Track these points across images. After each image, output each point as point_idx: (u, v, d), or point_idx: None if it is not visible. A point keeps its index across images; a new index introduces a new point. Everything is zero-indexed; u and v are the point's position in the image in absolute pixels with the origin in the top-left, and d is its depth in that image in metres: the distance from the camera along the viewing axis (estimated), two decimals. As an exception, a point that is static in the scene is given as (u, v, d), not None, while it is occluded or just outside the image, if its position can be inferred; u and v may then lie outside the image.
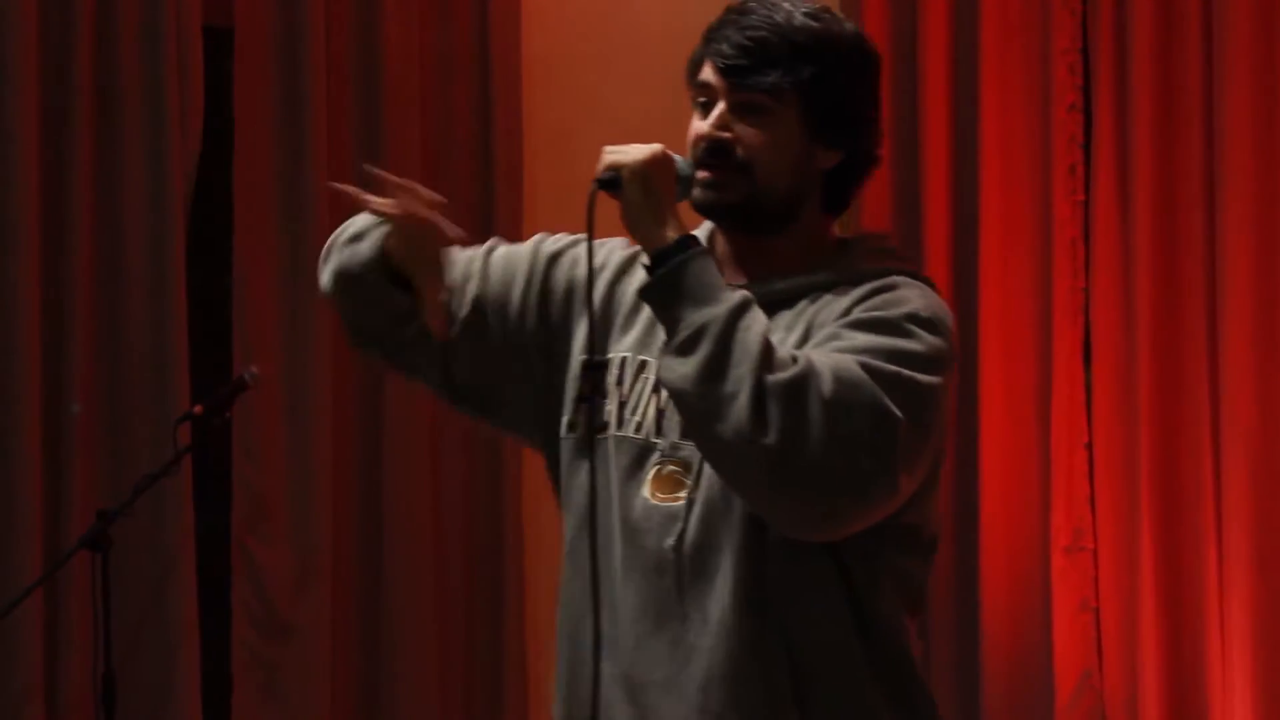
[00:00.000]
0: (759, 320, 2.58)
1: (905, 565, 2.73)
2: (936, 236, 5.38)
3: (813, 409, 2.51)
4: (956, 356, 2.71)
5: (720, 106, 2.72)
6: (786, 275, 2.74)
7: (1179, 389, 5.17)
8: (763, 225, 2.74)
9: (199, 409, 4.64)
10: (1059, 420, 5.25)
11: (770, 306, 2.67)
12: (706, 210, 2.74)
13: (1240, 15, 5.11)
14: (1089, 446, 5.27)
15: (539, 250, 2.91)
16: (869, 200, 5.26)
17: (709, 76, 2.74)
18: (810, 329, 2.68)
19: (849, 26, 2.78)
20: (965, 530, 5.30)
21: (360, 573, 5.42)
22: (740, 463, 2.55)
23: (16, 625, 4.82)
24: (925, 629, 5.04)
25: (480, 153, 5.62)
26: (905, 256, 2.84)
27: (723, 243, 2.78)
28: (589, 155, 5.92)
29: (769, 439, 2.51)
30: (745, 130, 2.71)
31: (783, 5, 2.73)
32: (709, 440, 2.57)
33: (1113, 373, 5.24)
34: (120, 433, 5.12)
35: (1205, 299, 5.14)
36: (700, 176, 2.71)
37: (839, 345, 2.61)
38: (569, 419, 2.81)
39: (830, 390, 2.52)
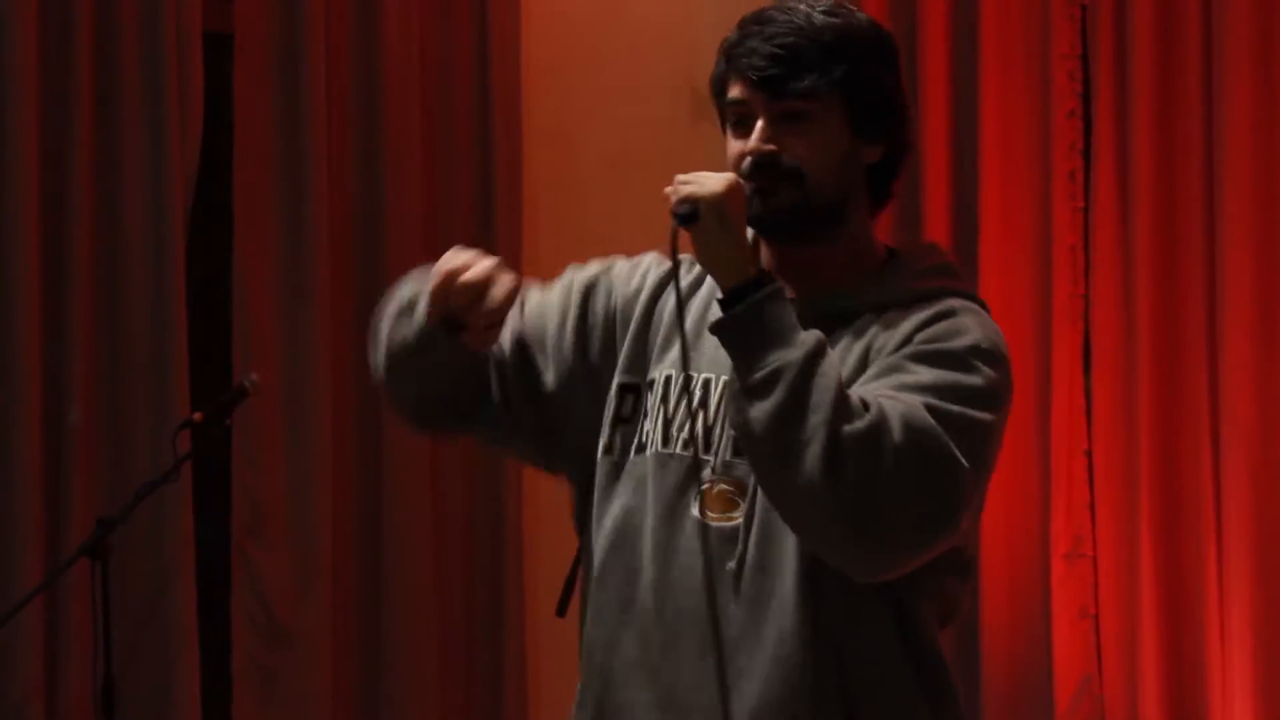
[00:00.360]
0: (833, 365, 2.54)
1: (947, 584, 2.73)
2: (936, 241, 5.39)
3: (885, 461, 2.49)
4: (1013, 386, 2.70)
5: (760, 120, 2.69)
6: (837, 288, 2.71)
7: (1179, 395, 5.17)
8: (815, 231, 2.71)
9: (199, 416, 4.62)
10: (1059, 427, 5.25)
11: (823, 323, 2.63)
12: (761, 223, 2.70)
13: (1240, 21, 5.11)
14: (1089, 453, 5.27)
15: (571, 287, 2.87)
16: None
17: (742, 93, 2.71)
18: (869, 353, 2.66)
19: (863, 16, 2.77)
20: (966, 536, 5.30)
21: (360, 579, 5.42)
22: (809, 510, 2.52)
23: (16, 633, 4.81)
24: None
25: (480, 155, 5.62)
26: (959, 273, 2.81)
27: (768, 256, 2.74)
28: (588, 156, 5.99)
29: (840, 490, 2.48)
30: (790, 140, 2.68)
31: (799, 7, 2.71)
32: (778, 484, 2.54)
33: (1112, 379, 5.24)
34: (120, 440, 5.11)
35: (1205, 305, 5.15)
36: (751, 189, 2.66)
37: (904, 381, 2.58)
38: (605, 441, 2.78)
39: (901, 440, 2.50)
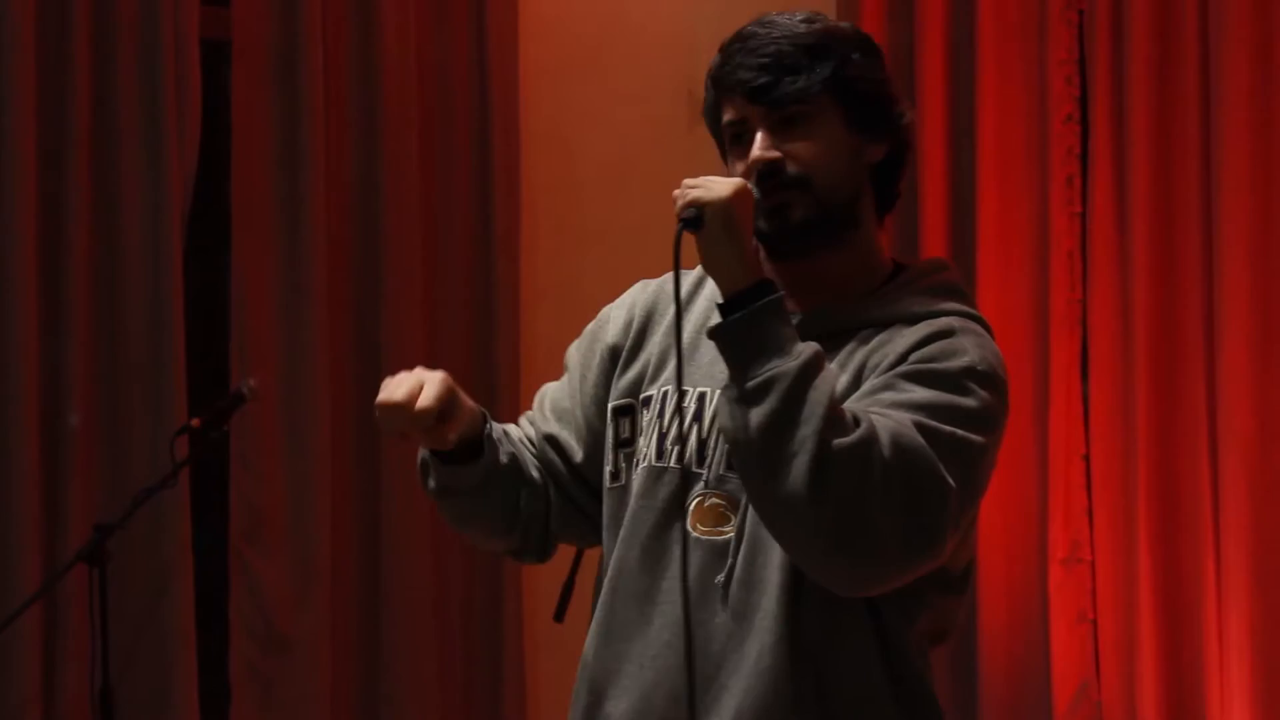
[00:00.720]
0: (828, 378, 2.53)
1: (936, 601, 2.71)
2: (933, 248, 5.38)
3: (872, 477, 2.48)
4: (1008, 410, 2.68)
5: (759, 131, 2.69)
6: (840, 302, 2.71)
7: (1176, 401, 5.17)
8: (828, 239, 2.70)
9: (197, 422, 4.63)
10: (1056, 432, 5.25)
11: (824, 336, 2.63)
12: (774, 236, 2.69)
13: (1237, 26, 5.11)
14: (1086, 458, 5.27)
15: (572, 361, 2.91)
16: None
17: (736, 112, 2.72)
18: (863, 370, 2.65)
19: (846, 24, 2.80)
20: (963, 542, 5.30)
21: (359, 585, 5.42)
22: (792, 523, 2.51)
23: (14, 638, 4.81)
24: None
25: (478, 161, 5.62)
26: (965, 293, 2.79)
27: (771, 268, 2.72)
28: (586, 163, 5.99)
29: (826, 504, 2.47)
30: (792, 145, 2.68)
31: (779, 20, 2.72)
32: (763, 495, 2.53)
33: (1110, 384, 5.24)
34: (118, 446, 5.11)
35: (1202, 310, 5.14)
36: (765, 204, 2.65)
37: (895, 399, 2.58)
38: (611, 469, 2.80)
39: (890, 457, 2.48)
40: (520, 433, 2.91)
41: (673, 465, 2.70)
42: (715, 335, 2.57)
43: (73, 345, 5.06)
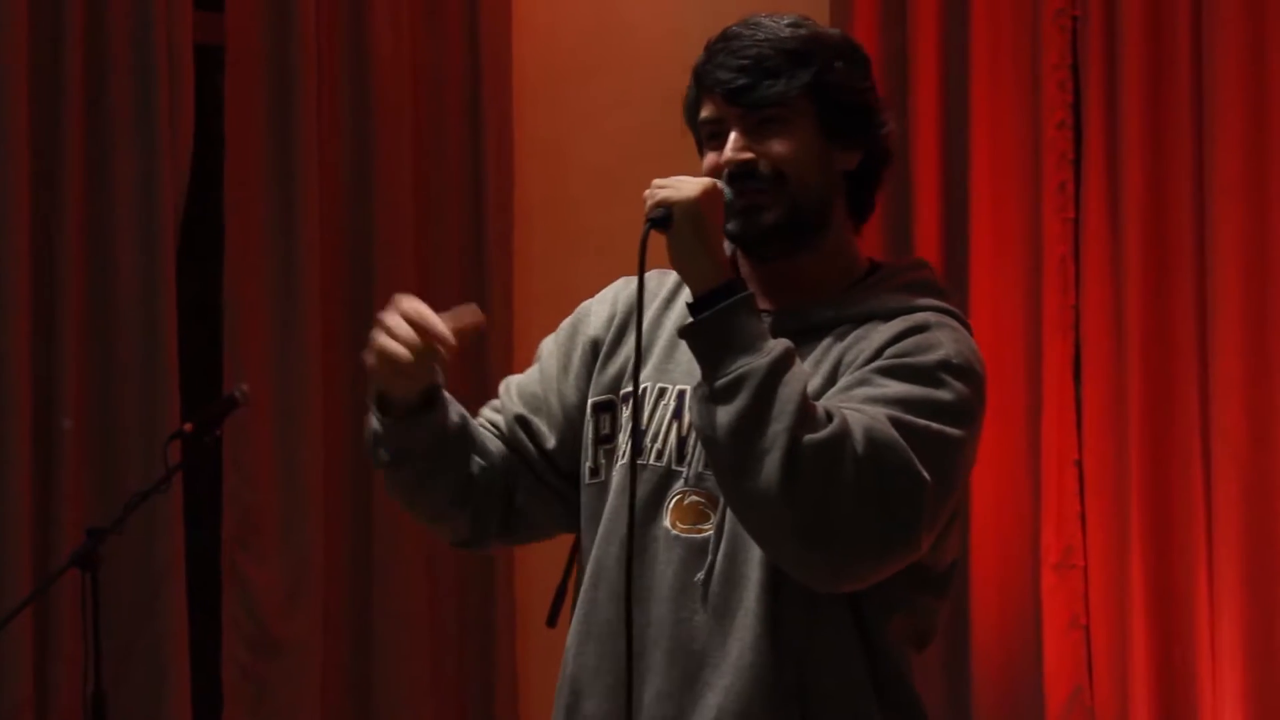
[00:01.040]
0: (799, 374, 2.53)
1: (917, 601, 2.71)
2: (926, 253, 5.38)
3: (845, 472, 2.48)
4: (985, 403, 2.68)
5: (734, 132, 2.70)
6: (814, 300, 2.71)
7: (1169, 406, 5.17)
8: (801, 239, 2.70)
9: (189, 426, 4.62)
10: (1049, 437, 5.25)
11: (797, 334, 2.64)
12: (746, 237, 2.70)
13: (1230, 33, 5.11)
14: (1079, 463, 5.26)
15: (547, 350, 2.90)
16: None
17: (714, 110, 2.72)
18: (839, 367, 2.65)
19: (834, 30, 2.81)
20: (956, 547, 5.30)
21: (351, 589, 5.42)
22: (766, 519, 2.51)
23: (6, 643, 4.81)
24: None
25: (471, 166, 5.63)
26: (941, 289, 2.78)
27: (747, 267, 2.73)
28: (580, 169, 6.00)
29: (798, 500, 2.47)
30: (765, 146, 2.68)
31: (764, 23, 2.73)
32: (736, 492, 2.53)
33: (1103, 389, 5.24)
34: (110, 450, 5.11)
35: (1195, 315, 5.14)
36: (737, 205, 2.66)
37: (870, 393, 2.58)
38: (590, 465, 2.80)
39: (863, 452, 2.49)
40: (482, 419, 2.89)
41: (652, 463, 2.70)
42: (685, 334, 2.58)
43: (66, 350, 5.05)
